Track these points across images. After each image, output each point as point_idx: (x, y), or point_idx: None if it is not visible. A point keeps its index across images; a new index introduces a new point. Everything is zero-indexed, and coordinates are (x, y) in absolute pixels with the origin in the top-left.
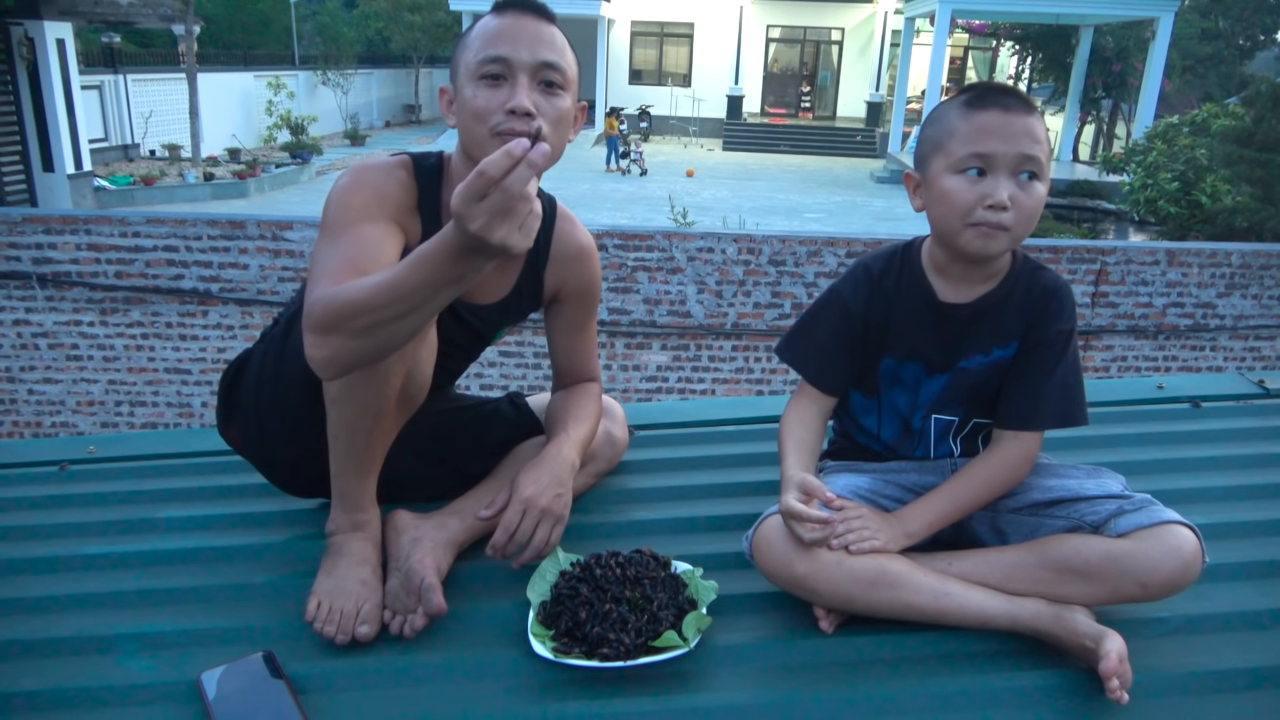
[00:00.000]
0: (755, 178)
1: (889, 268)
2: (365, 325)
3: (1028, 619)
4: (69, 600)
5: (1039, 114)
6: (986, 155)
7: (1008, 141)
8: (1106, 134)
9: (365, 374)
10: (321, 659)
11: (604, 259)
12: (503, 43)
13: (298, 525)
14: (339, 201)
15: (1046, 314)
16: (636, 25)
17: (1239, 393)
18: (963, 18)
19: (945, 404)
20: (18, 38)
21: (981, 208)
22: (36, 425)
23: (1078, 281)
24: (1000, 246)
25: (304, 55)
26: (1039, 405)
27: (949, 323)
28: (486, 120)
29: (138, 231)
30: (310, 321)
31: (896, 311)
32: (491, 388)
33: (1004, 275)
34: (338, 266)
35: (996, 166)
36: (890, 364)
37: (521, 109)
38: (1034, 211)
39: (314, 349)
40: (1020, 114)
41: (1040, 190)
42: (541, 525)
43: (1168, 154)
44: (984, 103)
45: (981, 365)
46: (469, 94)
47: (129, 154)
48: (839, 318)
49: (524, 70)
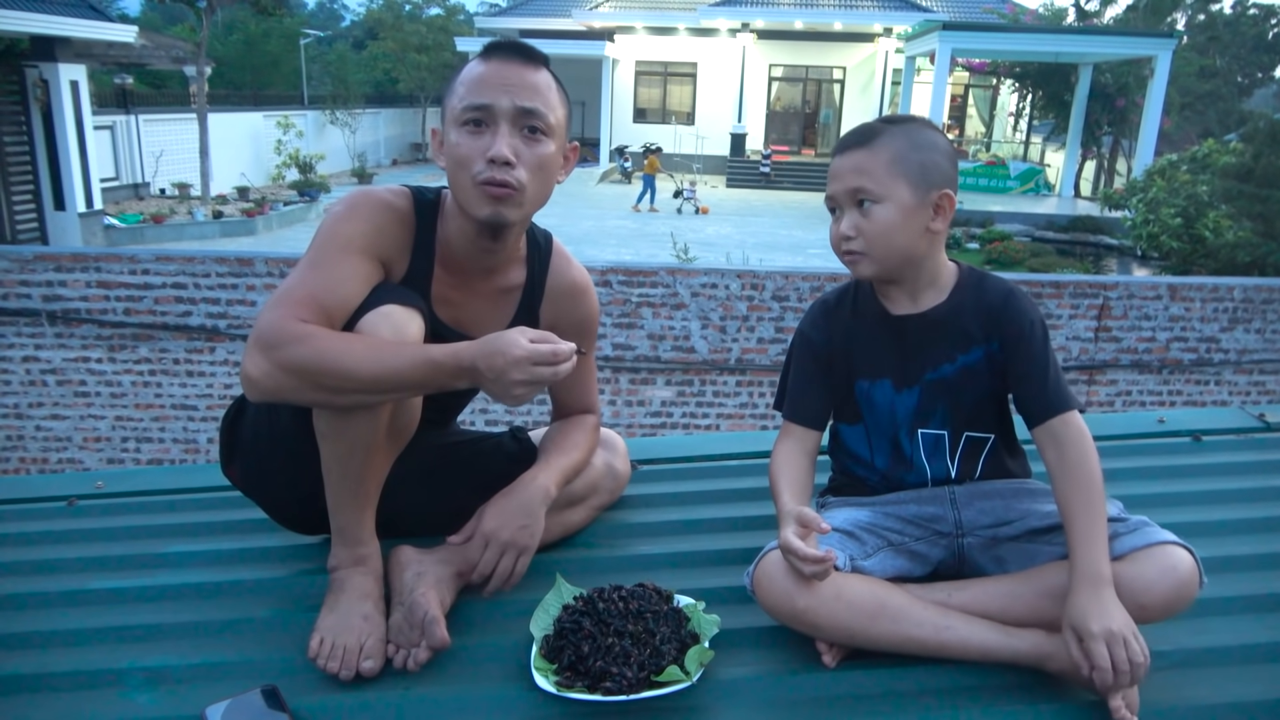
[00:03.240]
0: (758, 214)
1: (844, 296)
2: (334, 385)
3: (1028, 650)
4: (76, 634)
5: (881, 144)
6: (831, 195)
7: (840, 182)
8: (1108, 170)
9: (354, 410)
10: (325, 693)
11: (608, 295)
12: (485, 90)
13: (301, 560)
14: (329, 227)
15: (1010, 312)
16: (641, 65)
17: (1240, 427)
18: (963, 56)
19: (925, 417)
20: (33, 79)
21: (837, 241)
22: (43, 461)
23: (1080, 316)
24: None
25: (313, 95)
26: (1059, 387)
27: (906, 334)
28: (469, 168)
29: (147, 269)
30: (259, 343)
31: (857, 333)
32: (496, 423)
33: (952, 287)
34: (302, 297)
35: (838, 203)
36: (863, 385)
37: (500, 158)
38: (878, 233)
39: (255, 369)
40: (850, 153)
41: (879, 213)
42: (505, 558)
43: (1168, 190)
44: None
45: (949, 374)
46: (453, 139)
47: (139, 192)
48: (804, 351)
49: (505, 118)
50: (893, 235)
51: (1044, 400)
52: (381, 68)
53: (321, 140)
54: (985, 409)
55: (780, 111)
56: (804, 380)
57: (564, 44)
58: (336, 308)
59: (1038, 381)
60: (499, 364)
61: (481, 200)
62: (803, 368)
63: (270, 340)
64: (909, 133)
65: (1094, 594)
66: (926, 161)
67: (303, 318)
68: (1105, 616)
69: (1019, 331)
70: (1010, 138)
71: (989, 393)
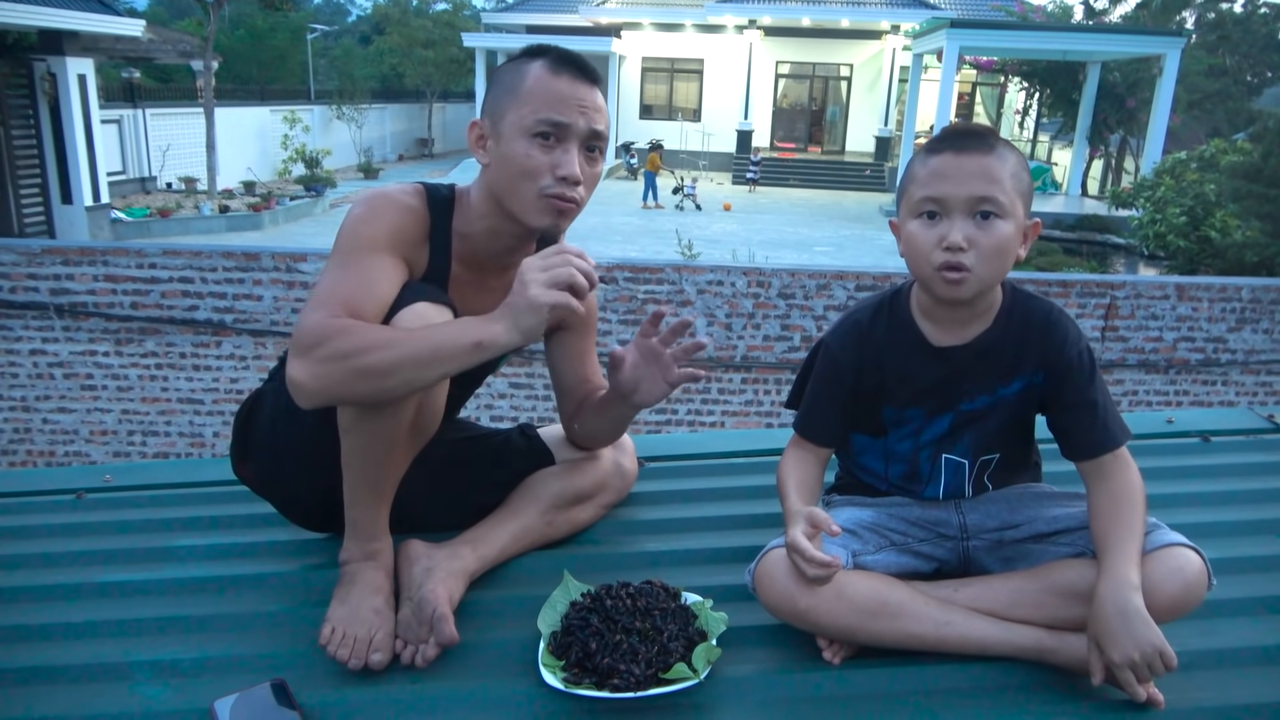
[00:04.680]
0: (764, 211)
1: (878, 317)
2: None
3: (1029, 645)
4: (84, 627)
5: (1004, 152)
6: (939, 199)
7: (959, 184)
8: (1115, 169)
9: (379, 405)
10: (333, 688)
11: (614, 291)
12: (564, 108)
13: (310, 555)
14: (351, 230)
15: (1056, 342)
16: (647, 61)
17: (1249, 428)
18: (970, 54)
19: (951, 444)
20: (40, 73)
21: (939, 249)
22: (50, 454)
23: (1087, 316)
24: (969, 290)
25: (319, 90)
26: (1110, 422)
27: (946, 367)
28: (536, 180)
29: (154, 263)
30: (303, 345)
31: (890, 360)
32: (501, 419)
33: (996, 312)
34: (339, 299)
35: (950, 209)
36: (891, 411)
37: (574, 178)
38: (995, 249)
39: (302, 372)
40: (974, 154)
41: (1001, 228)
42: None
43: (1176, 189)
44: (939, 147)
45: (986, 405)
46: (520, 149)
47: (146, 186)
48: (828, 370)
49: (578, 137)
50: (1007, 256)
51: (1093, 437)
52: (388, 63)
53: (328, 135)
54: (1013, 434)
55: (786, 109)
56: (822, 400)
57: (571, 40)
58: (371, 307)
59: (1087, 417)
60: (517, 286)
61: (544, 211)
62: (823, 387)
63: (311, 341)
64: (1012, 148)
65: (1121, 612)
66: (1028, 181)
67: (339, 316)
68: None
69: (1068, 364)
70: (1017, 136)
71: (1021, 420)
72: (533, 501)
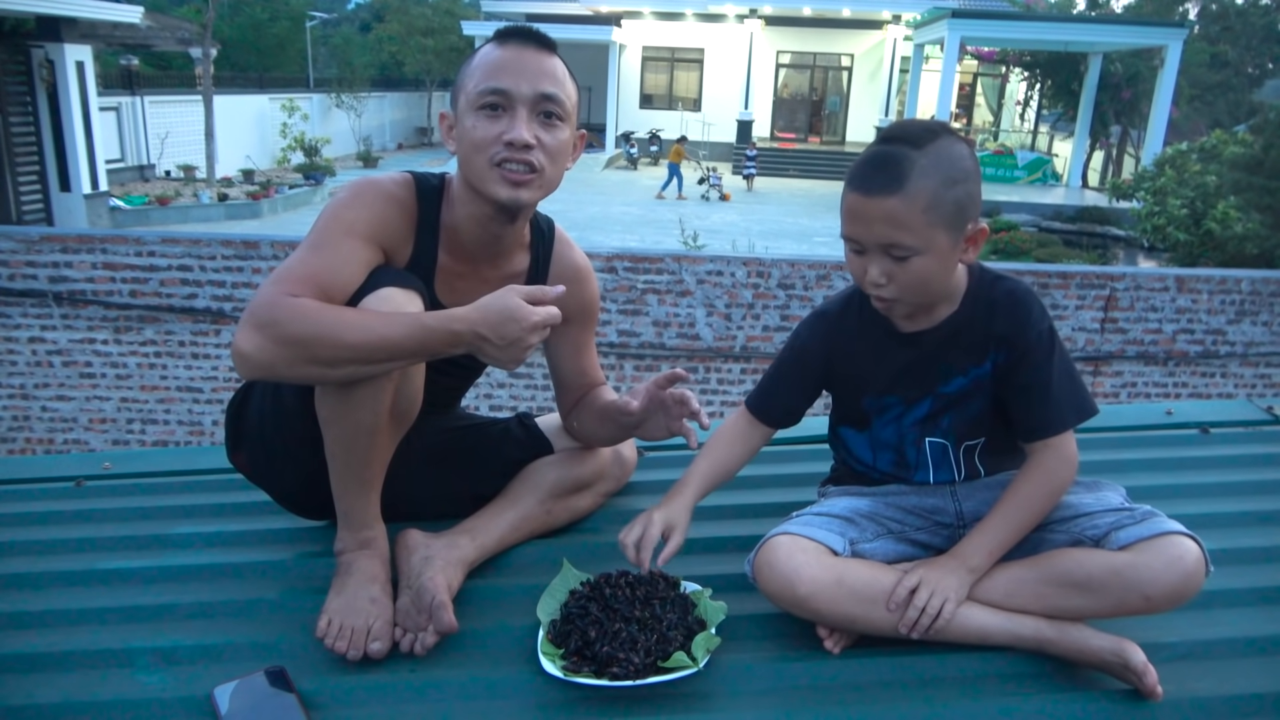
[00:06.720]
0: (764, 201)
1: (848, 307)
2: (327, 356)
3: (1029, 634)
4: (84, 614)
5: (915, 187)
6: (850, 237)
7: (868, 227)
8: (1116, 160)
9: (356, 393)
10: (332, 675)
11: (614, 281)
12: (503, 74)
13: (309, 542)
14: (331, 212)
15: (1019, 321)
16: (648, 51)
17: (1248, 419)
18: (972, 45)
19: (933, 427)
20: (38, 60)
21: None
22: (49, 442)
23: (1086, 307)
24: (901, 311)
25: (318, 78)
26: (1057, 407)
27: (917, 351)
28: (486, 151)
29: (153, 251)
30: (255, 320)
31: (863, 351)
32: (500, 408)
33: (962, 295)
34: (301, 276)
35: (864, 247)
36: (871, 400)
37: (520, 141)
38: (913, 283)
39: (248, 343)
40: (880, 198)
41: (916, 265)
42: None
43: (1177, 180)
44: (850, 180)
45: (962, 387)
46: (469, 124)
47: (145, 174)
48: (793, 355)
49: (524, 103)
50: (930, 282)
51: (1034, 420)
52: (387, 51)
53: (327, 124)
54: (995, 415)
55: (787, 99)
56: (780, 381)
57: (571, 28)
58: (335, 289)
59: (1036, 398)
60: (513, 331)
61: (500, 183)
62: (784, 369)
63: (263, 315)
64: (939, 164)
65: (947, 563)
66: (960, 197)
67: (298, 294)
68: (938, 574)
69: (1026, 344)
70: (1018, 127)
71: (998, 400)
72: (531, 490)
